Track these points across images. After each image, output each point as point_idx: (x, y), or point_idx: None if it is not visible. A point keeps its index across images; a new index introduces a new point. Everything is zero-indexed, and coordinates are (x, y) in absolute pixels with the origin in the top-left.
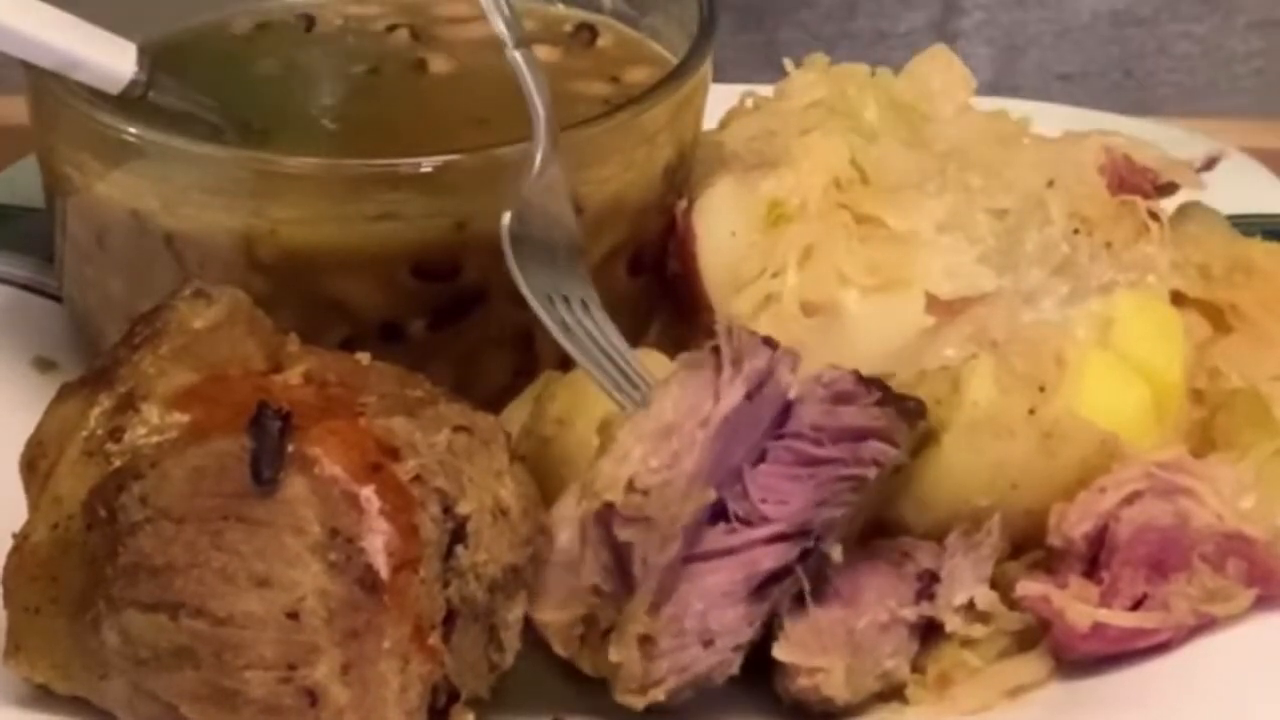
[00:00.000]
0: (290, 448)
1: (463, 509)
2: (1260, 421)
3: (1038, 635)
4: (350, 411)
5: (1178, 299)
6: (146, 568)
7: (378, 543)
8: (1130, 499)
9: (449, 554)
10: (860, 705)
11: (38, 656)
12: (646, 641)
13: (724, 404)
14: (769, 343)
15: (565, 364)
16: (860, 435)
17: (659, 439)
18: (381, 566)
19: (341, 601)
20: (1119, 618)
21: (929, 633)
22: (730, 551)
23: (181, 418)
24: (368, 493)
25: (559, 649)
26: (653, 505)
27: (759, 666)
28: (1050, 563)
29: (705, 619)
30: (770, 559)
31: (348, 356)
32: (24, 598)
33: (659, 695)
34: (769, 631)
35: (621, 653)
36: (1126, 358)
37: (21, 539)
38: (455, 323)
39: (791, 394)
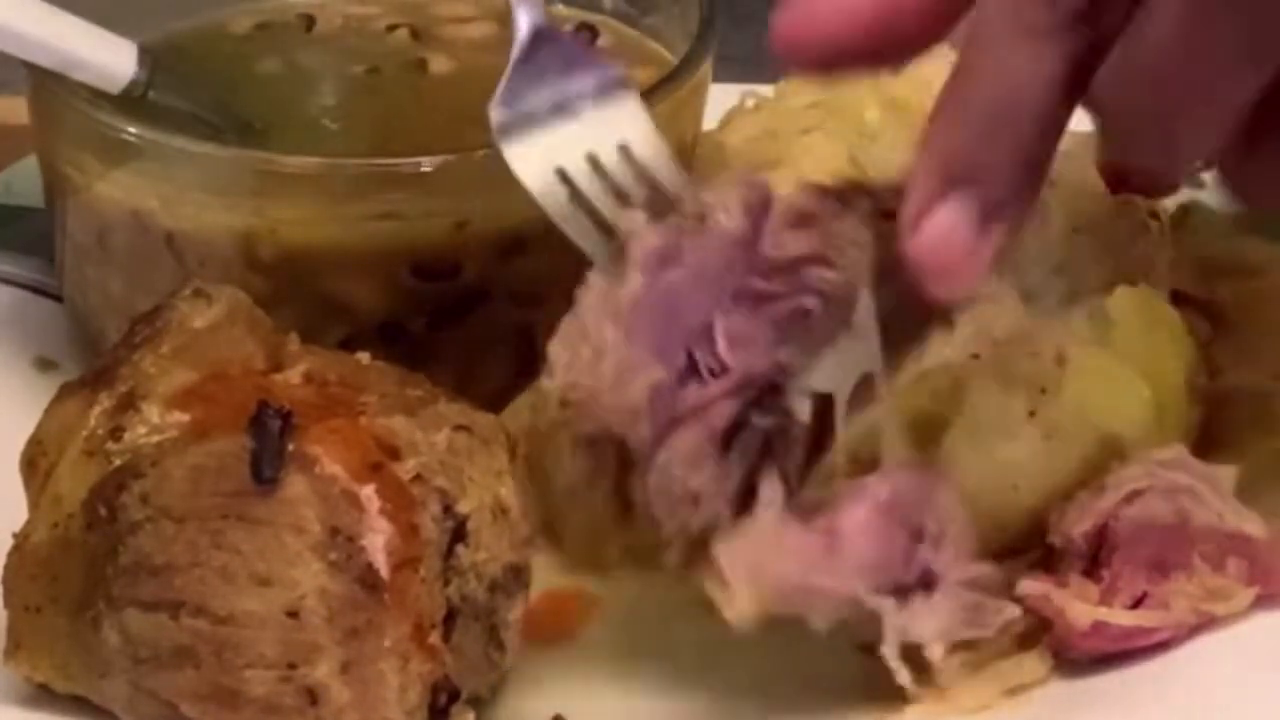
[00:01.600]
0: (290, 447)
1: (463, 508)
2: (1260, 421)
3: (1038, 634)
4: (351, 411)
5: (1178, 299)
6: (147, 567)
7: (378, 542)
8: (1130, 498)
9: (449, 553)
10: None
11: (38, 655)
12: (648, 510)
13: (629, 289)
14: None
15: None
16: (798, 264)
17: (578, 343)
18: (382, 565)
19: (342, 600)
20: (1119, 616)
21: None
22: (696, 411)
23: (182, 417)
24: (368, 492)
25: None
26: (587, 415)
27: None
28: (1050, 561)
29: (685, 483)
30: (723, 414)
31: (348, 356)
32: (24, 597)
33: (674, 557)
34: None
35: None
36: (1126, 358)
37: (22, 538)
38: (455, 322)
39: (738, 231)
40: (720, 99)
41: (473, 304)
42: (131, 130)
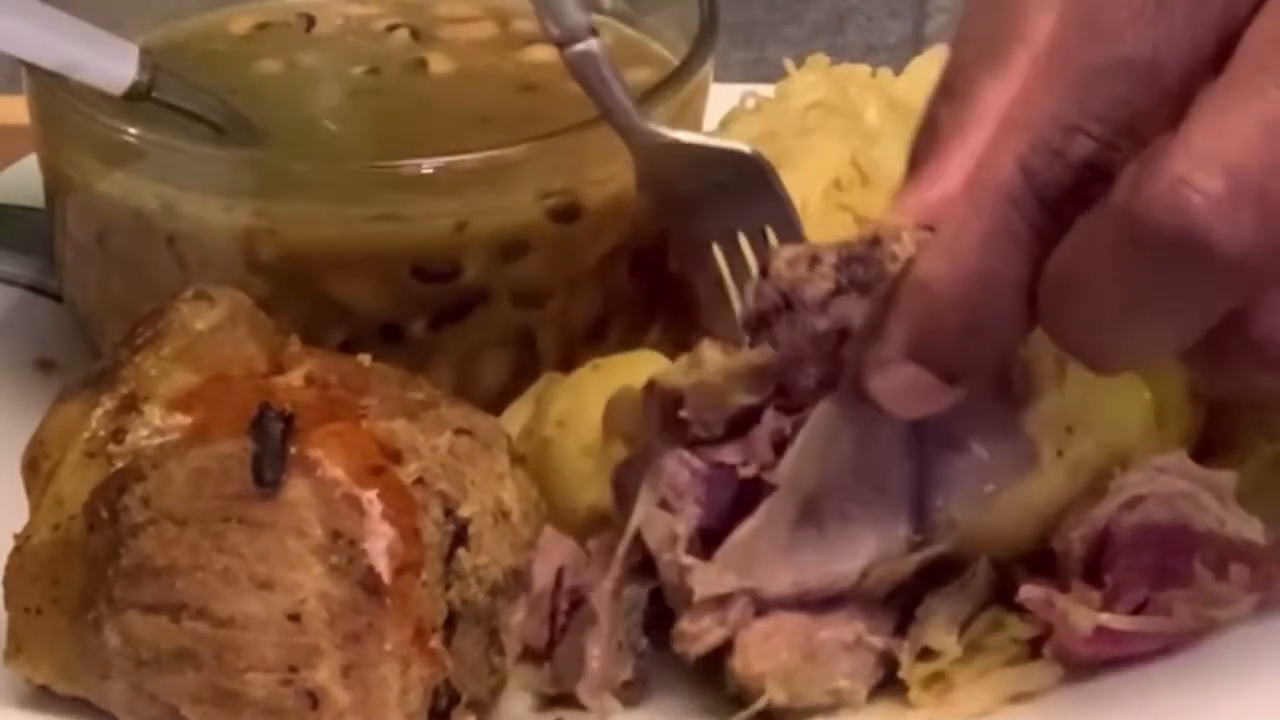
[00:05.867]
0: (292, 450)
1: (464, 512)
2: (1261, 425)
3: (1042, 641)
4: (352, 414)
5: None
6: (148, 569)
7: (380, 545)
8: (1131, 503)
9: (450, 557)
10: (802, 712)
11: (39, 657)
12: None
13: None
14: None
15: (566, 364)
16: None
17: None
18: (383, 569)
19: (343, 604)
20: (1121, 622)
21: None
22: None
23: (183, 419)
24: (370, 495)
25: None
26: None
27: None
28: (1052, 567)
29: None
30: None
31: (349, 358)
32: (25, 598)
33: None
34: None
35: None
36: None
37: (23, 540)
38: (455, 323)
39: None
40: (720, 99)
41: (473, 305)
42: (132, 131)
